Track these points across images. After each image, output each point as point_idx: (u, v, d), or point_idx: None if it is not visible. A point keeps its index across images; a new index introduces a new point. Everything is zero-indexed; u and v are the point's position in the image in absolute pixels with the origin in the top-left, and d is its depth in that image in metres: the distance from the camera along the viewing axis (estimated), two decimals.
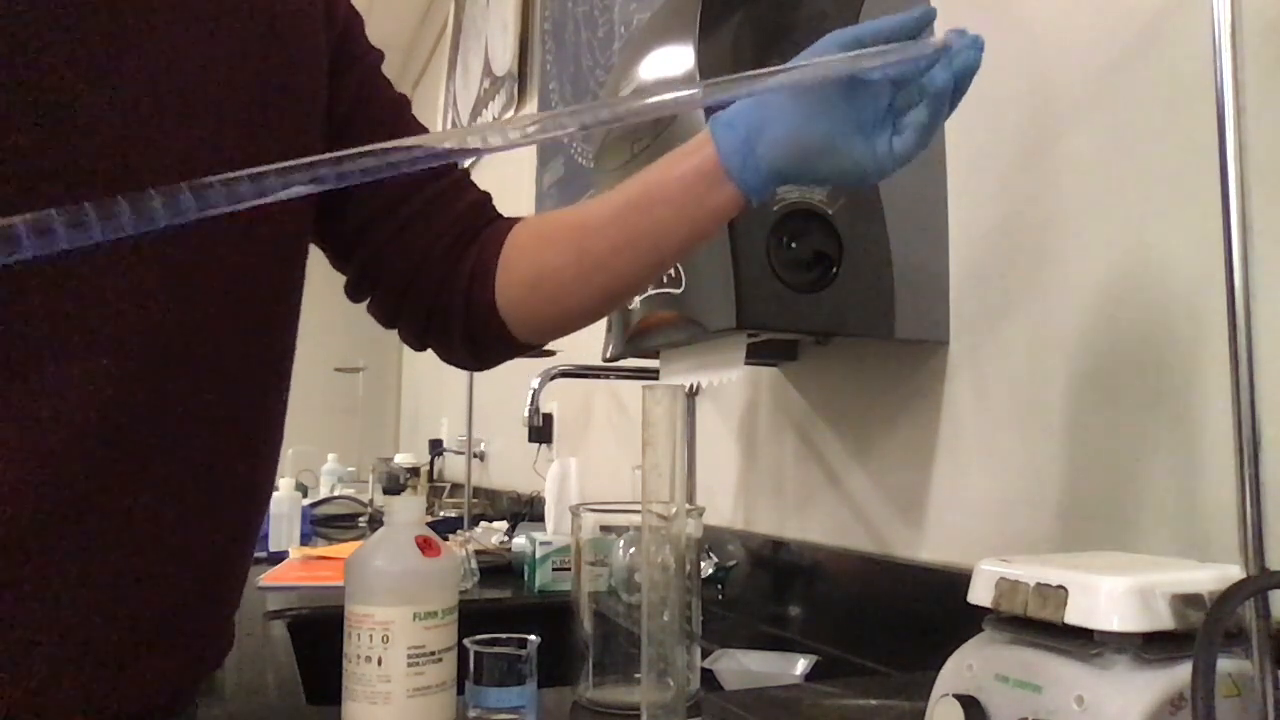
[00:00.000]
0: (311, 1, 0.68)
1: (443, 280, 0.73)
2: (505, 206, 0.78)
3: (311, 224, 0.69)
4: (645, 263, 0.69)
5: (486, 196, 0.78)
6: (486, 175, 3.16)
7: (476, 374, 2.48)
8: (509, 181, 2.66)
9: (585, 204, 0.72)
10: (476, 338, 0.74)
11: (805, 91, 0.61)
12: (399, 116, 0.75)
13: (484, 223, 0.75)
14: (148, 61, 0.55)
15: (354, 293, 0.76)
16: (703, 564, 1.32)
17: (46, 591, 0.52)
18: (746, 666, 0.97)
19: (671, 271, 0.97)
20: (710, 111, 0.65)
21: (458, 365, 0.78)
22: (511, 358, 0.77)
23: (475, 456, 2.66)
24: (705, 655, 0.96)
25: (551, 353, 1.98)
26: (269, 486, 0.67)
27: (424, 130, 0.76)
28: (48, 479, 0.52)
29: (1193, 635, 0.47)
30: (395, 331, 0.78)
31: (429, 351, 0.81)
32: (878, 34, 0.61)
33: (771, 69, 0.58)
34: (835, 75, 0.59)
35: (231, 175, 0.40)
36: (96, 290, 0.53)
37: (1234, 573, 0.50)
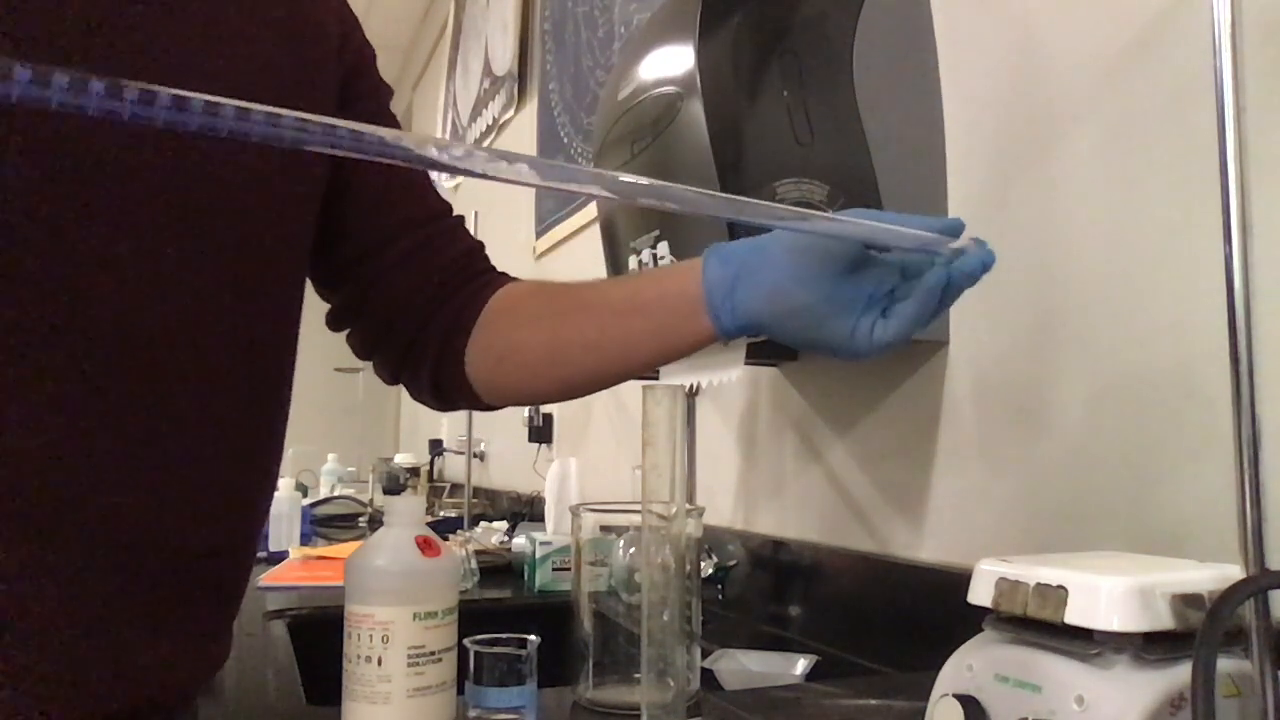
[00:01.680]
0: (327, 31, 0.69)
1: (421, 326, 0.73)
2: (505, 205, 0.78)
3: (310, 242, 0.69)
4: (611, 365, 0.70)
5: (479, 246, 0.78)
6: None
7: None
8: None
9: (572, 288, 0.74)
10: (442, 387, 0.75)
11: (806, 252, 0.59)
12: None
13: (472, 274, 0.76)
14: (169, 76, 0.55)
15: (334, 323, 0.77)
16: (703, 564, 1.32)
17: (47, 586, 0.52)
18: (746, 666, 0.97)
19: None
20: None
21: (425, 404, 0.79)
22: (476, 410, 0.78)
23: (475, 456, 2.66)
24: (705, 655, 0.96)
25: None
26: (268, 494, 0.68)
27: (421, 171, 0.76)
28: (45, 472, 0.52)
29: (1193, 635, 0.47)
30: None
31: None
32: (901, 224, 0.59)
33: (790, 215, 0.56)
34: (846, 236, 0.57)
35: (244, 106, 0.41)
36: (82, 287, 0.53)
37: (1234, 573, 0.50)
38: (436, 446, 3.22)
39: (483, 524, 1.97)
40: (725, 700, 0.78)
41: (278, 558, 1.73)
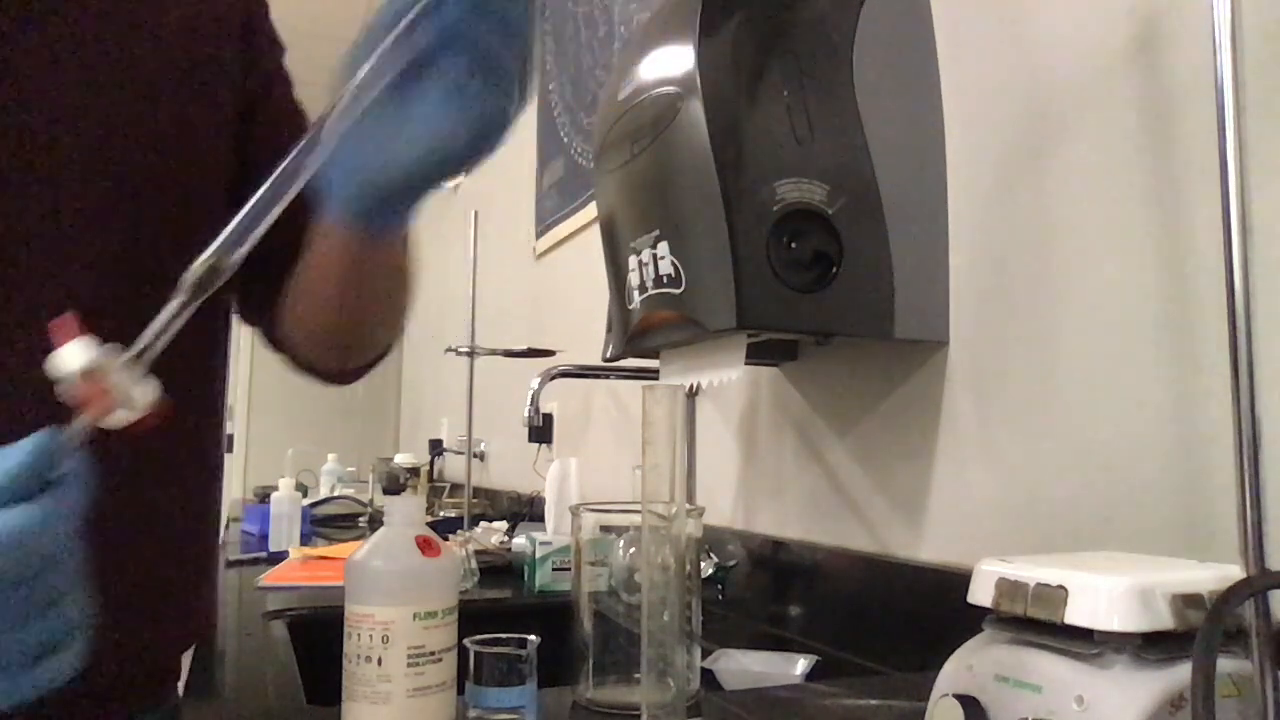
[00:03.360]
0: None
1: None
2: (505, 205, 0.77)
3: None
4: (329, 298, 0.66)
5: None
6: (487, 174, 3.16)
7: (477, 374, 2.49)
8: (509, 182, 2.66)
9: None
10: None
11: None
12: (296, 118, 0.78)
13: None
14: (69, 64, 0.61)
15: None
16: (703, 564, 1.32)
17: None
18: (746, 666, 0.97)
19: (671, 271, 0.97)
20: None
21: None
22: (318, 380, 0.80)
23: (475, 456, 2.66)
24: (705, 655, 0.96)
25: (551, 353, 1.98)
26: (214, 463, 0.72)
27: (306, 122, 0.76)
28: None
29: (1193, 635, 0.47)
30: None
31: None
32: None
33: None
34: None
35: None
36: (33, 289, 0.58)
37: (1234, 573, 0.50)
38: (436, 446, 3.22)
39: (483, 524, 1.96)
40: (725, 700, 0.78)
41: (278, 558, 1.72)
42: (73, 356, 0.42)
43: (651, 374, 1.31)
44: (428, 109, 0.49)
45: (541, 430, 2.22)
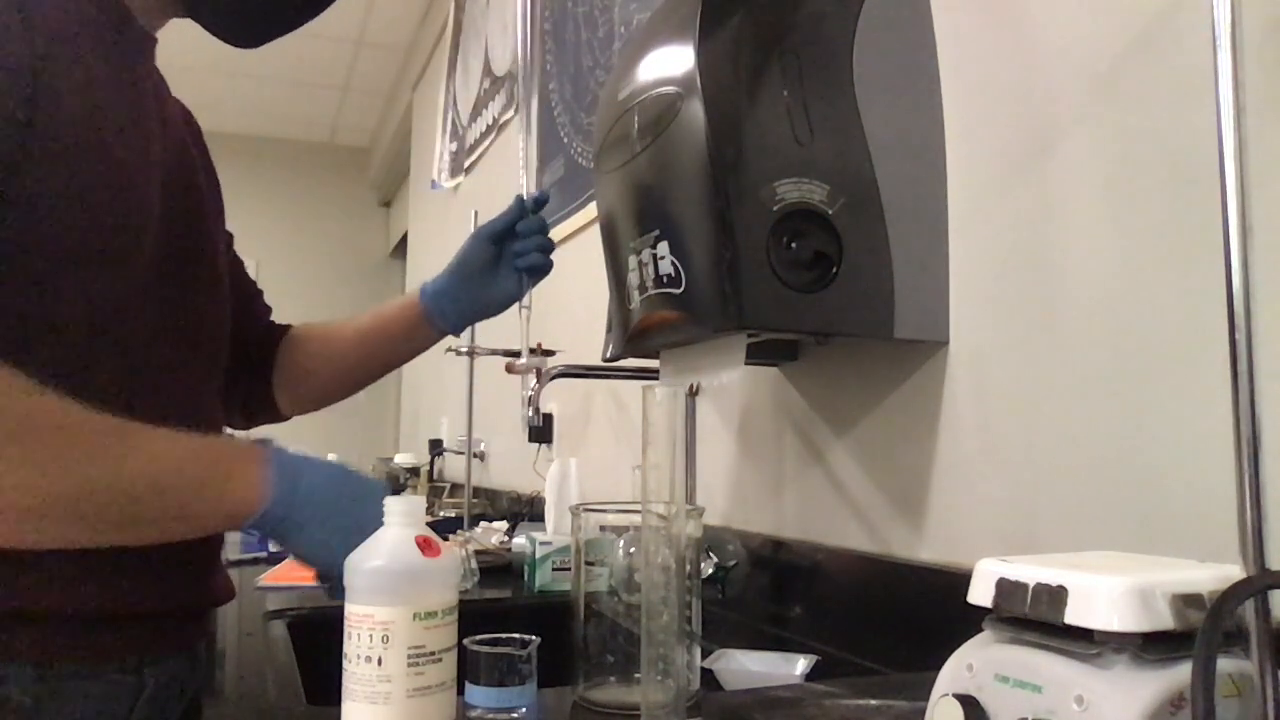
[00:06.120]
0: None
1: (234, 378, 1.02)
2: (506, 206, 0.78)
3: None
4: (379, 369, 1.14)
5: (269, 315, 1.13)
6: (487, 175, 3.15)
7: (476, 374, 2.49)
8: (510, 182, 2.66)
9: (337, 325, 1.13)
10: (252, 411, 1.10)
11: (472, 277, 1.09)
12: None
13: (271, 339, 1.11)
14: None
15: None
16: (703, 564, 1.32)
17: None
18: (746, 666, 0.97)
19: (671, 271, 0.97)
20: None
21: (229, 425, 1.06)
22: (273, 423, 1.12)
23: (475, 456, 2.66)
24: (705, 655, 0.96)
25: (551, 353, 1.98)
26: None
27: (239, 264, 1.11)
28: None
29: (1193, 635, 0.47)
30: None
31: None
32: (505, 221, 1.08)
33: None
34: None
35: None
36: None
37: (1234, 573, 0.50)
38: (436, 446, 3.22)
39: (483, 524, 1.97)
40: (725, 700, 0.78)
41: (278, 558, 1.72)
42: None
43: (651, 374, 1.31)
44: (507, 285, 1.10)
45: (541, 430, 2.23)
